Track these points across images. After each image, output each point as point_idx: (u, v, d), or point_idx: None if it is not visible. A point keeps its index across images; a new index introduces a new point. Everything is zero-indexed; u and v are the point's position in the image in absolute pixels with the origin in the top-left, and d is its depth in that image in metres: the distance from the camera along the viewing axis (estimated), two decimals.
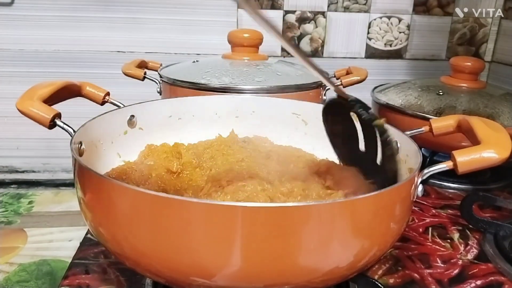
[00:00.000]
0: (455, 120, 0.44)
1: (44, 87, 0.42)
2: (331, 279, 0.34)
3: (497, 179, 0.71)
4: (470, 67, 0.74)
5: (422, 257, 0.51)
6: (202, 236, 0.29)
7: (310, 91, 0.66)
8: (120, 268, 0.46)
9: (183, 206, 0.28)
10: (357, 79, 0.70)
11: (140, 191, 0.30)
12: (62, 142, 0.45)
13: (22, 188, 1.05)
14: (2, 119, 0.98)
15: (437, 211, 0.62)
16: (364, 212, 0.31)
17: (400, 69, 1.03)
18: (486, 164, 0.35)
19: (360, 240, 0.32)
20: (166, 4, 0.94)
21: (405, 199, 0.35)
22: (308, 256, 0.30)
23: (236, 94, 0.60)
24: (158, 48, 0.96)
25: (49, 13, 0.93)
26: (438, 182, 0.69)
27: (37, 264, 0.80)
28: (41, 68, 0.96)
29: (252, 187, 0.38)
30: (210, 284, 0.31)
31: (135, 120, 0.50)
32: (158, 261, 0.31)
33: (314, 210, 0.29)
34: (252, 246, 0.29)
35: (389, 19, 0.99)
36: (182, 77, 0.65)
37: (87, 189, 0.34)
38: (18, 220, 0.93)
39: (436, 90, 0.73)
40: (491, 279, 0.47)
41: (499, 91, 0.75)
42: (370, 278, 0.46)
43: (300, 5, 0.97)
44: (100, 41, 0.95)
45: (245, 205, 0.29)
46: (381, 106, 0.74)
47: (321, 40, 0.99)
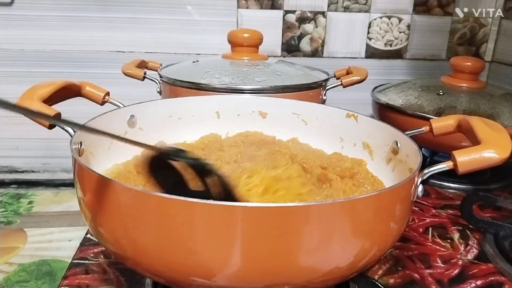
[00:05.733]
0: (455, 120, 0.44)
1: (44, 87, 0.42)
2: (331, 279, 0.34)
3: (497, 179, 0.71)
4: (470, 67, 0.74)
5: (422, 257, 0.51)
6: (202, 236, 0.29)
7: (310, 91, 0.66)
8: (120, 268, 0.46)
9: (183, 206, 0.28)
10: (357, 79, 0.70)
11: (140, 191, 0.30)
12: (62, 142, 0.45)
13: (22, 188, 1.05)
14: (2, 119, 0.98)
15: (437, 211, 0.62)
16: (364, 212, 0.31)
17: (400, 69, 1.03)
18: (486, 164, 0.35)
19: (360, 240, 0.32)
20: (166, 4, 0.94)
21: (405, 199, 0.35)
22: (308, 256, 0.30)
23: (236, 94, 0.60)
24: (158, 48, 0.96)
25: (49, 13, 0.93)
26: (438, 182, 0.69)
27: (36, 264, 0.80)
28: (41, 68, 0.96)
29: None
30: (210, 284, 0.31)
31: (135, 120, 0.49)
32: (158, 261, 0.31)
33: (314, 210, 0.29)
34: (252, 246, 0.29)
35: (389, 19, 0.99)
36: (182, 77, 0.65)
37: (87, 189, 0.34)
38: (18, 220, 0.92)
39: (436, 90, 0.73)
40: (491, 279, 0.47)
41: (499, 91, 0.75)
42: (370, 278, 0.46)
43: (300, 5, 0.97)
44: (100, 41, 0.95)
45: (245, 205, 0.29)
46: (381, 106, 0.74)
47: (321, 40, 0.99)
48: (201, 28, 0.96)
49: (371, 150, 0.49)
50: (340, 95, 0.70)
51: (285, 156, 0.47)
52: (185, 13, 0.95)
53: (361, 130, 0.50)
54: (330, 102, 0.61)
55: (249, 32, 0.72)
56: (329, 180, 0.43)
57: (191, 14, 0.95)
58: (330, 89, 0.70)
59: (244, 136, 0.53)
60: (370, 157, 0.49)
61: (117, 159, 0.46)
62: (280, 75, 0.67)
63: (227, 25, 0.95)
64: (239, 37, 0.72)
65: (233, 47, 0.73)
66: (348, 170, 0.45)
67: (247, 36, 0.72)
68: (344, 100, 0.71)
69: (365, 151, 0.49)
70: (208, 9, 0.95)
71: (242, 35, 0.72)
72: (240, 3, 0.95)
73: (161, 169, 0.34)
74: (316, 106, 0.54)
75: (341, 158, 0.48)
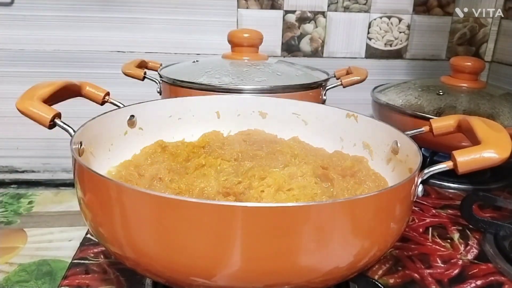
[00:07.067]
0: (455, 120, 0.44)
1: (44, 87, 0.42)
2: (331, 279, 0.34)
3: (497, 179, 0.71)
4: (470, 67, 0.74)
5: (422, 257, 0.51)
6: (202, 236, 0.29)
7: (310, 91, 0.66)
8: (120, 268, 0.46)
9: (183, 206, 0.28)
10: (357, 79, 0.70)
11: (140, 191, 0.30)
12: (62, 142, 0.45)
13: (22, 188, 1.05)
14: (2, 119, 0.98)
15: (437, 211, 0.62)
16: (364, 212, 0.31)
17: (400, 69, 1.03)
18: (486, 164, 0.35)
19: (360, 240, 0.32)
20: (166, 4, 0.94)
21: (405, 199, 0.35)
22: (308, 256, 0.30)
23: (236, 94, 0.60)
24: (158, 48, 0.96)
25: (49, 13, 0.93)
26: (438, 182, 0.69)
27: (37, 264, 0.80)
28: (41, 68, 0.96)
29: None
30: (210, 284, 0.31)
31: (135, 120, 0.49)
32: (158, 261, 0.31)
33: (314, 210, 0.29)
34: (252, 246, 0.29)
35: (389, 19, 0.99)
36: (182, 77, 0.65)
37: (87, 189, 0.34)
38: (18, 220, 0.93)
39: (436, 90, 0.73)
40: (491, 279, 0.47)
41: (499, 91, 0.75)
42: (370, 278, 0.46)
43: (300, 5, 0.97)
44: (100, 41, 0.95)
45: (245, 205, 0.28)
46: (381, 106, 0.74)
47: (321, 40, 0.99)
48: (201, 28, 0.96)
49: (371, 150, 0.49)
50: (340, 95, 0.70)
51: (286, 155, 0.47)
52: (185, 13, 0.95)
53: (361, 130, 0.50)
54: (330, 102, 0.61)
55: (249, 32, 0.72)
56: (331, 179, 0.43)
57: (191, 14, 0.95)
58: (330, 89, 0.70)
59: (246, 135, 0.53)
60: (370, 157, 0.49)
61: (117, 159, 0.46)
62: (280, 75, 0.67)
63: (227, 25, 0.95)
64: (239, 37, 0.72)
65: (233, 47, 0.73)
66: (349, 169, 0.45)
67: (247, 36, 0.72)
68: (344, 100, 0.71)
69: (365, 151, 0.49)
70: (208, 9, 0.95)
71: (242, 35, 0.72)
72: (240, 3, 0.95)
73: None
74: (316, 106, 0.54)
75: (342, 156, 0.48)
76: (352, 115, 0.51)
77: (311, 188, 0.41)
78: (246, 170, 0.43)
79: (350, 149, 0.51)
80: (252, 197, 0.39)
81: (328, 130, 0.53)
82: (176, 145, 0.50)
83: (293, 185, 0.41)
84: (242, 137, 0.52)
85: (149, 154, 0.48)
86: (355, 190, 0.42)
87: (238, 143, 0.50)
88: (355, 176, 0.44)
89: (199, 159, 0.46)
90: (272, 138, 0.53)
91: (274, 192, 0.39)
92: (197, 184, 0.40)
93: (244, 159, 0.46)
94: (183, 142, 0.51)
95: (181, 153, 0.48)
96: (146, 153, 0.48)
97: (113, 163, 0.46)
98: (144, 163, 0.46)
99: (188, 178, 0.42)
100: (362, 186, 0.43)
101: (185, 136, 0.53)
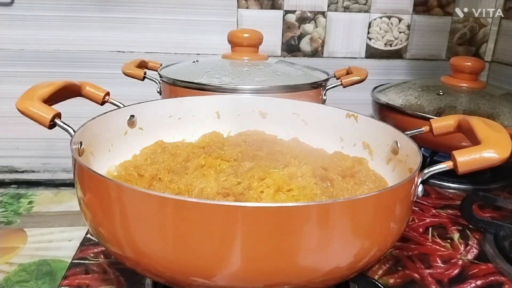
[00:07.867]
0: (455, 120, 0.44)
1: (44, 87, 0.42)
2: (331, 279, 0.34)
3: (497, 179, 0.71)
4: (470, 67, 0.74)
5: (422, 257, 0.51)
6: (202, 236, 0.29)
7: (310, 91, 0.66)
8: (120, 268, 0.46)
9: (183, 206, 0.28)
10: (357, 79, 0.70)
11: (140, 191, 0.30)
12: (62, 142, 0.46)
13: (22, 188, 1.05)
14: (2, 119, 0.98)
15: (437, 211, 0.62)
16: (364, 212, 0.31)
17: (400, 69, 1.03)
18: (486, 164, 0.35)
19: (360, 240, 0.32)
20: (166, 4, 0.94)
21: (405, 199, 0.35)
22: (308, 256, 0.30)
23: (236, 94, 0.60)
24: (158, 48, 0.96)
25: (49, 13, 0.93)
26: (438, 182, 0.69)
27: (37, 264, 0.80)
28: (41, 68, 0.96)
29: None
30: (210, 284, 0.31)
31: (135, 120, 0.49)
32: (158, 261, 0.31)
33: (314, 210, 0.29)
34: (252, 246, 0.29)
35: (389, 19, 0.99)
36: (182, 77, 0.65)
37: (87, 189, 0.34)
38: (18, 220, 0.92)
39: (436, 90, 0.73)
40: (491, 279, 0.47)
41: (499, 91, 0.75)
42: (370, 278, 0.46)
43: (300, 5, 0.97)
44: (100, 41, 0.95)
45: (245, 205, 0.28)
46: (381, 106, 0.74)
47: (321, 40, 0.99)
48: (201, 28, 0.96)
49: (371, 150, 0.49)
50: (340, 95, 0.70)
51: (286, 156, 0.47)
52: (185, 13, 0.95)
53: (361, 130, 0.50)
54: (330, 102, 0.61)
55: (249, 32, 0.72)
56: (331, 180, 0.43)
57: (191, 14, 0.95)
58: (330, 89, 0.70)
59: (246, 135, 0.53)
60: (370, 157, 0.49)
61: (117, 159, 0.46)
62: (280, 75, 0.67)
63: (227, 25, 0.95)
64: (239, 37, 0.72)
65: (233, 47, 0.73)
66: (349, 169, 0.45)
67: (247, 36, 0.72)
68: (344, 100, 0.71)
69: (365, 151, 0.49)
70: (208, 9, 0.95)
71: (242, 35, 0.72)
72: (240, 3, 0.95)
73: None
74: (316, 106, 0.54)
75: (342, 157, 0.48)
76: (352, 115, 0.51)
77: (310, 189, 0.41)
78: (246, 170, 0.43)
79: (350, 149, 0.51)
80: (252, 197, 0.39)
81: (328, 130, 0.53)
82: (176, 146, 0.50)
83: (292, 186, 0.41)
84: (242, 138, 0.52)
85: (149, 154, 0.48)
86: (355, 190, 0.42)
87: (238, 143, 0.51)
88: (355, 176, 0.44)
89: (198, 159, 0.46)
90: (272, 139, 0.53)
91: (273, 192, 0.39)
92: (197, 185, 0.40)
93: (244, 160, 0.46)
94: (183, 143, 0.52)
95: (181, 153, 0.48)
96: (146, 153, 0.48)
97: (113, 163, 0.46)
98: (144, 163, 0.46)
99: (187, 178, 0.42)
100: (362, 186, 0.43)
101: (185, 136, 0.53)
